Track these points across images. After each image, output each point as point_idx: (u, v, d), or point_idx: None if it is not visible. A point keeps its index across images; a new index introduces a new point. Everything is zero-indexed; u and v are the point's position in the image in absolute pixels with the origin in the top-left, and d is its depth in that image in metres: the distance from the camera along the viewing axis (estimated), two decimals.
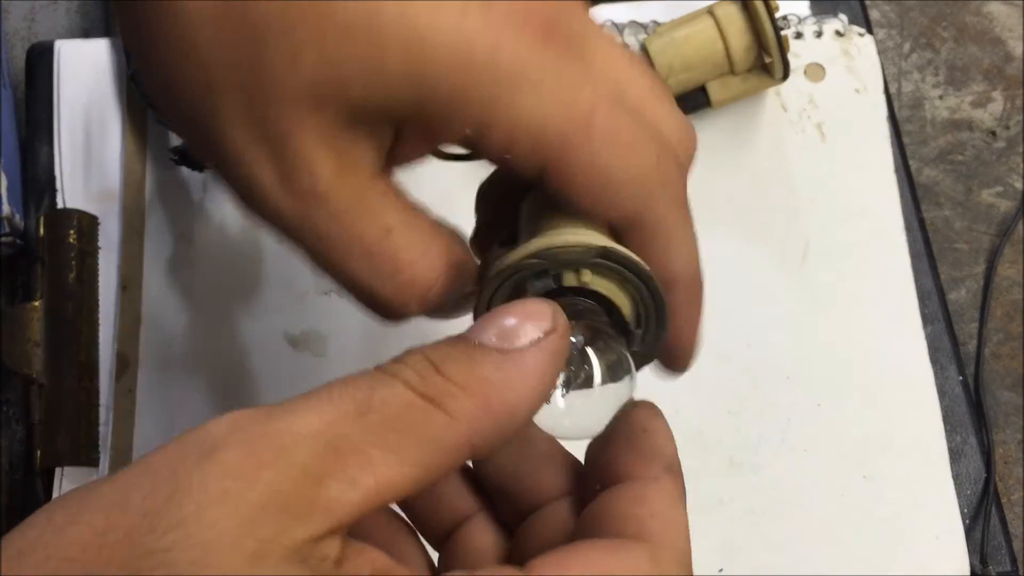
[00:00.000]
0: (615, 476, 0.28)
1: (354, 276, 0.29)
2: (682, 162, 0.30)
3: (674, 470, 0.28)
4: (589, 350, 0.29)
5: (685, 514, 0.27)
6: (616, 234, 0.30)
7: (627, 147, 0.29)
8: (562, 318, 0.27)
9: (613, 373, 0.29)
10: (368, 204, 0.29)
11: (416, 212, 0.30)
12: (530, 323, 0.26)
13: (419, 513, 0.30)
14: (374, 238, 0.29)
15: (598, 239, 0.29)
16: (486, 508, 0.31)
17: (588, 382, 0.29)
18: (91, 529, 0.22)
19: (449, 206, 0.33)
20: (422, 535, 0.31)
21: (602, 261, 0.29)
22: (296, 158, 0.28)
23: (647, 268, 0.30)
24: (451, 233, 0.31)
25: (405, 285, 0.30)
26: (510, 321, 0.26)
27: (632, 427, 0.29)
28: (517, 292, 0.30)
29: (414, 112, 0.28)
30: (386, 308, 0.30)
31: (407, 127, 0.28)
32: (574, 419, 0.29)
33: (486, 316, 0.27)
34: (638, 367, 0.31)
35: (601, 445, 0.29)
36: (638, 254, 0.30)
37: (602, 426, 0.29)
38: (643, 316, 0.31)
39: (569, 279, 0.29)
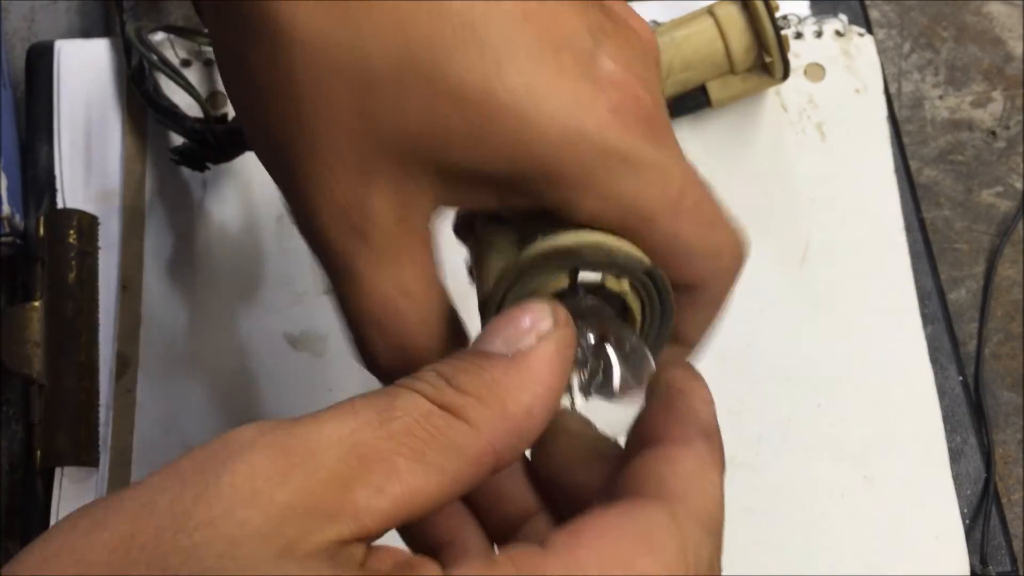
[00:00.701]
0: (649, 440, 0.28)
1: (361, 320, 0.30)
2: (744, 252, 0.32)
3: (710, 434, 0.28)
4: (608, 347, 0.29)
5: (719, 481, 0.27)
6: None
7: (709, 223, 0.30)
8: (562, 312, 0.27)
9: (635, 372, 0.29)
10: (403, 259, 0.29)
11: (436, 278, 0.31)
12: (532, 324, 0.27)
13: (483, 509, 0.31)
14: (395, 293, 0.29)
15: (644, 255, 0.29)
16: (548, 507, 0.31)
17: (608, 381, 0.29)
18: (118, 533, 0.22)
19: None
20: (485, 531, 0.31)
21: (646, 279, 0.29)
22: (363, 199, 0.28)
23: (673, 305, 0.30)
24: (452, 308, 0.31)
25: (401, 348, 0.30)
26: (514, 327, 0.27)
27: (668, 389, 0.29)
28: (532, 280, 0.29)
29: (501, 178, 0.28)
30: (371, 360, 0.31)
31: (481, 185, 0.29)
32: (603, 416, 0.29)
33: (491, 325, 0.27)
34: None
35: (642, 413, 0.29)
36: (683, 310, 0.30)
37: (626, 426, 0.29)
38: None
39: (611, 283, 0.29)
